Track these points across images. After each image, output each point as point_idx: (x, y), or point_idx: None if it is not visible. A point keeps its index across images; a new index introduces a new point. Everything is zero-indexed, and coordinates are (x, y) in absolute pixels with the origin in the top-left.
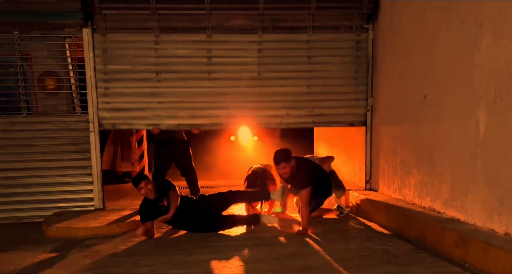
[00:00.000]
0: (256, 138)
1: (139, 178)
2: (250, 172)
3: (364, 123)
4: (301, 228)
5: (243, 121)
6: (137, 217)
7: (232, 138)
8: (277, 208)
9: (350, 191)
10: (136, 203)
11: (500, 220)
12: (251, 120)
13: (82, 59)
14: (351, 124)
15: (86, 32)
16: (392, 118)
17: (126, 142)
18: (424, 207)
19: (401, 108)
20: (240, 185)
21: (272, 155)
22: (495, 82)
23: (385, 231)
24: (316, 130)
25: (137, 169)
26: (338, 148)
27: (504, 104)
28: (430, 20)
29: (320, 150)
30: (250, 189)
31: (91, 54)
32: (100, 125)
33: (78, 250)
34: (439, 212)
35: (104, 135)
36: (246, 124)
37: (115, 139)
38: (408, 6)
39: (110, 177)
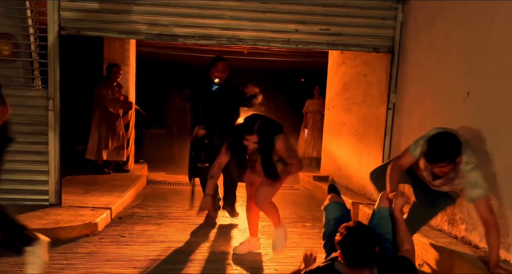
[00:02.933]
0: None
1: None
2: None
3: (391, 49)
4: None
5: (240, 36)
6: (92, 219)
7: None
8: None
9: (361, 205)
10: (103, 200)
11: None
12: (251, 34)
13: (45, 22)
14: (375, 49)
15: None
16: (420, 120)
17: (111, 127)
18: (455, 237)
19: (433, 108)
20: None
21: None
22: None
23: None
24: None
25: (124, 158)
26: (352, 147)
27: None
28: None
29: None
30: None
31: (56, 17)
32: (62, 28)
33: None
34: (476, 247)
35: (67, 113)
36: (244, 39)
37: (99, 124)
38: None
39: (88, 165)
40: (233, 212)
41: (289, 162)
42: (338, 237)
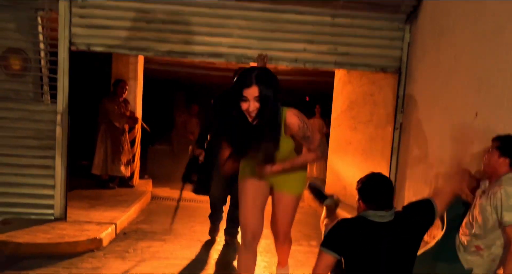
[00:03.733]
0: None
1: None
2: None
3: (398, 70)
4: None
5: (249, 54)
6: (97, 234)
7: None
8: None
9: None
10: (108, 215)
11: None
12: (259, 52)
13: (55, 38)
14: (383, 69)
15: (63, 5)
16: (428, 140)
17: (116, 142)
18: None
19: (442, 128)
20: None
21: None
22: None
23: None
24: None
25: (128, 173)
26: (358, 166)
27: None
28: (491, 15)
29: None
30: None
31: (67, 32)
32: (72, 44)
33: None
34: None
35: (74, 128)
36: (253, 58)
37: (105, 139)
38: (460, 2)
39: (93, 180)
40: (232, 242)
41: (307, 145)
42: (357, 185)
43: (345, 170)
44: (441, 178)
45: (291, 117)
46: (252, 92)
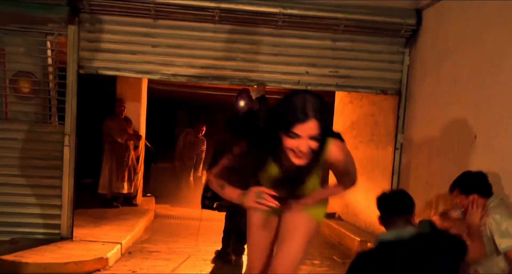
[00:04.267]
0: None
1: None
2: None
3: (398, 92)
4: None
5: (252, 77)
6: (104, 254)
7: None
8: None
9: (369, 244)
10: (113, 235)
11: None
12: (263, 76)
13: (64, 61)
14: (383, 91)
15: (72, 30)
16: (428, 160)
17: (120, 160)
18: None
19: (442, 148)
20: None
21: None
22: None
23: None
24: None
25: (132, 190)
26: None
27: None
28: (491, 41)
29: None
30: None
31: (75, 56)
32: (80, 67)
33: None
34: None
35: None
36: (256, 80)
37: (110, 158)
38: (460, 27)
39: (96, 199)
40: (238, 262)
41: (341, 179)
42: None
43: None
44: (442, 199)
45: (336, 152)
46: (308, 129)
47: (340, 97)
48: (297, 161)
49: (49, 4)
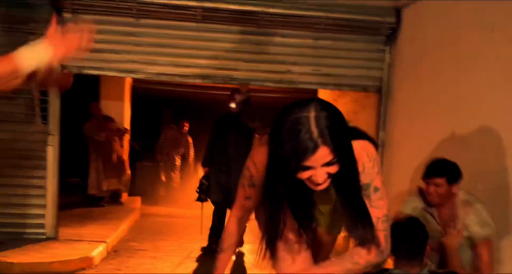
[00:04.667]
0: None
1: None
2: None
3: (379, 89)
4: None
5: (234, 75)
6: (89, 253)
7: None
8: None
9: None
10: (99, 234)
11: None
12: (245, 74)
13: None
14: (364, 89)
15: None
16: (409, 156)
17: (106, 159)
18: None
19: (421, 144)
20: None
21: None
22: None
23: None
24: None
25: (120, 187)
26: None
27: None
28: (468, 40)
29: None
30: None
31: None
32: (64, 67)
33: None
34: None
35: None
36: (239, 79)
37: (95, 158)
38: (438, 26)
39: (83, 198)
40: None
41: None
42: None
43: None
44: None
45: (360, 154)
46: (320, 158)
47: (322, 94)
48: (317, 188)
49: (31, 4)
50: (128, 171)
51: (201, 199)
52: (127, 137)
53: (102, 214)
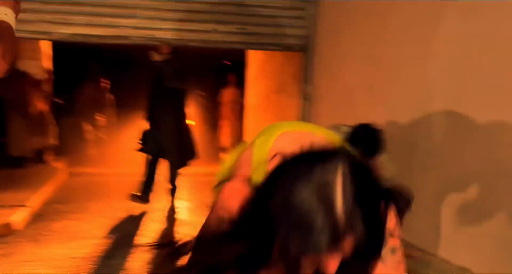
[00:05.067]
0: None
1: None
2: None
3: (304, 48)
4: None
5: (156, 35)
6: (7, 218)
7: None
8: None
9: None
10: (20, 197)
11: None
12: (168, 34)
13: None
14: (289, 48)
15: None
16: (330, 110)
17: (26, 113)
18: None
19: (341, 99)
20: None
21: None
22: (455, 73)
23: None
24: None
25: (49, 141)
26: None
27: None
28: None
29: None
30: None
31: None
32: None
33: None
34: None
35: None
36: (161, 39)
37: (15, 116)
38: None
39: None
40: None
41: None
42: None
43: None
44: None
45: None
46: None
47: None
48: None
49: None
50: (54, 127)
51: (142, 149)
52: (49, 88)
53: (24, 176)
